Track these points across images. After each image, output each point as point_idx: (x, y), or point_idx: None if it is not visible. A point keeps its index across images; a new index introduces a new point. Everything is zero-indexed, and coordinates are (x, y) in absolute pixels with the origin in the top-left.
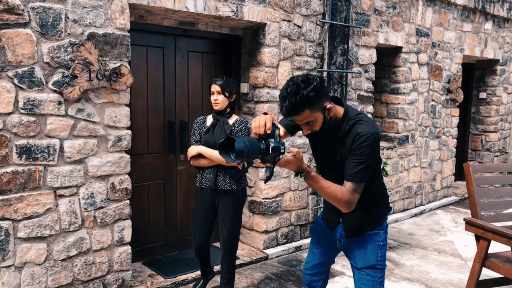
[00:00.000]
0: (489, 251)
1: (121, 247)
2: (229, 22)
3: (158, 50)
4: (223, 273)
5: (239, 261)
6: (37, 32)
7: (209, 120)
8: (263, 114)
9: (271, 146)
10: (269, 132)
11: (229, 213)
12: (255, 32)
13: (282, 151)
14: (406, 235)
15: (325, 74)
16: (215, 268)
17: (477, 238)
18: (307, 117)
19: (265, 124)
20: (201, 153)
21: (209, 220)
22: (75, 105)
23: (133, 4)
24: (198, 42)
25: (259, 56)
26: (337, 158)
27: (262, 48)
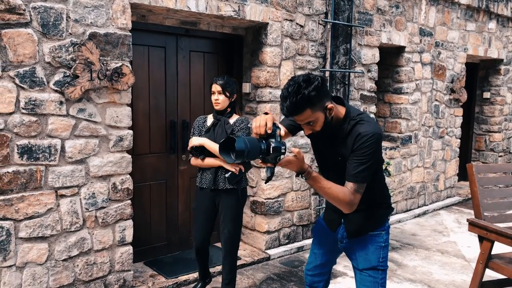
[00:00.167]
0: (493, 252)
1: (122, 247)
2: (231, 21)
3: (160, 50)
4: (224, 273)
5: (241, 262)
6: (39, 32)
7: (209, 119)
8: (264, 114)
9: (271, 146)
10: (269, 132)
11: (229, 213)
12: (257, 31)
13: (283, 151)
14: (409, 235)
15: (327, 74)
16: (216, 269)
17: (480, 239)
18: (308, 117)
19: (266, 124)
20: (203, 145)
21: (209, 220)
22: (76, 105)
23: (134, 4)
24: (200, 41)
25: (261, 56)
26: (339, 158)
27: (264, 48)
